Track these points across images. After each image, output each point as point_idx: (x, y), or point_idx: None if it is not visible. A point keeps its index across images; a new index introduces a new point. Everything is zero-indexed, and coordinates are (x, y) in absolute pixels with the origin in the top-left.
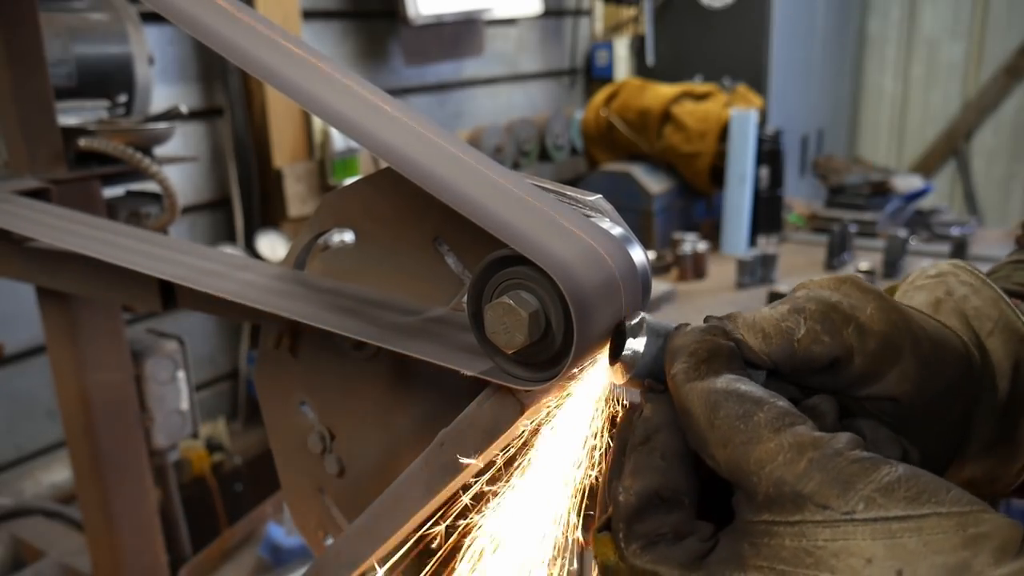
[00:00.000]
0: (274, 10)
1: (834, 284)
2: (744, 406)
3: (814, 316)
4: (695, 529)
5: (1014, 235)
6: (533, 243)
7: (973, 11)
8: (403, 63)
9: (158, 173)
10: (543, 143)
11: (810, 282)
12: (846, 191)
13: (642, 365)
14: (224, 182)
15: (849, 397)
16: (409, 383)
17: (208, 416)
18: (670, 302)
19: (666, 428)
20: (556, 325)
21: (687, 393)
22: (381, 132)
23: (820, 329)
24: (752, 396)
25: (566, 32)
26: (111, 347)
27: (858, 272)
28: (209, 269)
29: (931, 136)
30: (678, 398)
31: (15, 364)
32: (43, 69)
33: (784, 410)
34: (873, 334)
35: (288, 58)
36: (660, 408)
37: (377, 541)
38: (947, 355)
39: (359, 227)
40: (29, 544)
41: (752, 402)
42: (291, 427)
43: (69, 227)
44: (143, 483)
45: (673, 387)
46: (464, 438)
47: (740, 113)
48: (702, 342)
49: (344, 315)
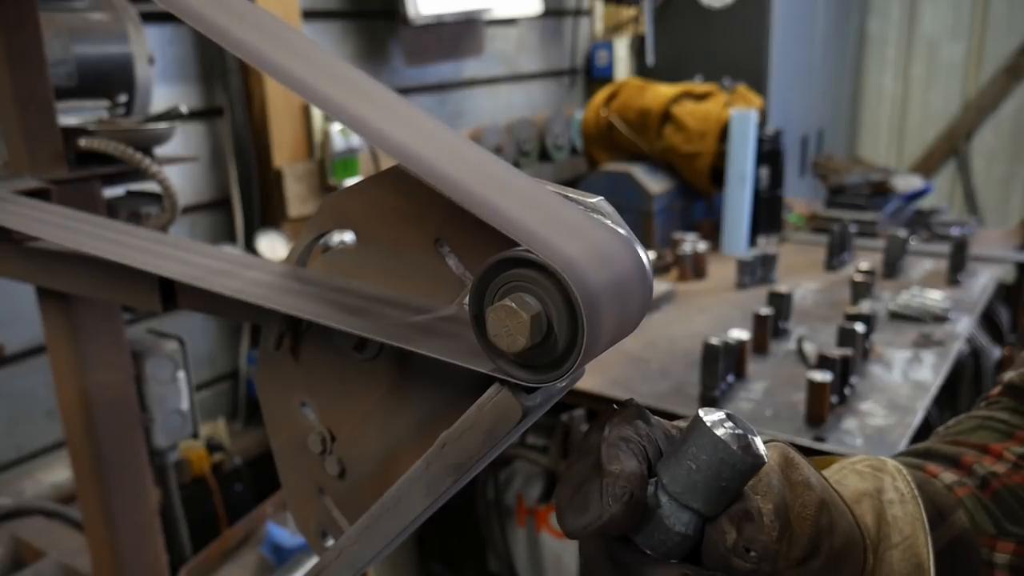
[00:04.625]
0: (274, 10)
1: (779, 464)
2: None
3: (772, 525)
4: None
5: (1014, 235)
6: (540, 240)
7: (973, 11)
8: (403, 63)
9: (158, 173)
10: (543, 143)
11: (767, 476)
12: (846, 191)
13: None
14: (224, 182)
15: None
16: (410, 385)
17: (208, 416)
18: (670, 302)
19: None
20: (558, 328)
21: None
22: (390, 129)
23: (775, 538)
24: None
25: (566, 32)
26: (111, 347)
27: (858, 272)
28: (215, 267)
29: (931, 136)
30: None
31: (15, 364)
32: (43, 69)
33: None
34: (799, 540)
35: (296, 54)
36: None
37: (378, 542)
38: (848, 558)
39: (360, 228)
40: (29, 544)
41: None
42: (291, 428)
43: (70, 226)
44: (143, 483)
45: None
46: (465, 440)
47: (740, 113)
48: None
49: (355, 314)
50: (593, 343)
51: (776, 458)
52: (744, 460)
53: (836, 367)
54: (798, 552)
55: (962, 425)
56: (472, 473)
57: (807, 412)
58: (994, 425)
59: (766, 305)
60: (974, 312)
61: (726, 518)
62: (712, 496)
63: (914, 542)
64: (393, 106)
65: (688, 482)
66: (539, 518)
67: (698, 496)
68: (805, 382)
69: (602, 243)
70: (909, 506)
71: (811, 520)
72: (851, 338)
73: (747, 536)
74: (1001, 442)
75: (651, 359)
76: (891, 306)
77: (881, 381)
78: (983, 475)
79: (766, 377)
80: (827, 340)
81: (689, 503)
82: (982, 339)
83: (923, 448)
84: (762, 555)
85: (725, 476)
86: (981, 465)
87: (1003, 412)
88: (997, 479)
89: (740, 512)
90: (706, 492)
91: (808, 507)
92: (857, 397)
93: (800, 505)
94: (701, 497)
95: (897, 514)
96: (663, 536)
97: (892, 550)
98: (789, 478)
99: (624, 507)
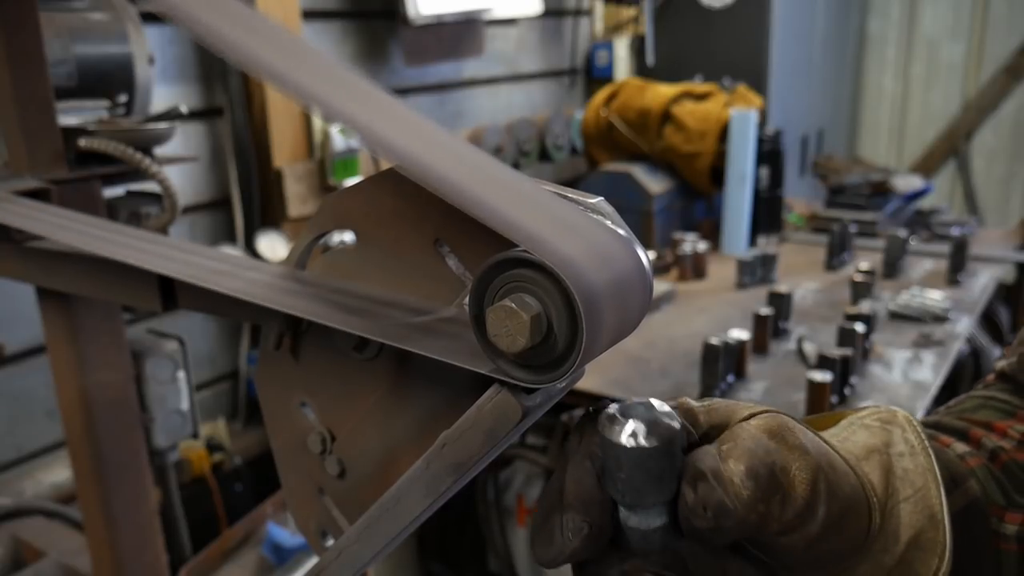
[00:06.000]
0: (274, 10)
1: (767, 432)
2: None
3: (759, 482)
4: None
5: (1014, 235)
6: (540, 241)
7: (973, 11)
8: (403, 63)
9: (158, 173)
10: (543, 143)
11: (743, 428)
12: (846, 191)
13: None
14: (224, 182)
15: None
16: (410, 385)
17: (208, 416)
18: (670, 302)
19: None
20: (558, 328)
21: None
22: (386, 132)
23: (759, 497)
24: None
25: (566, 32)
26: (111, 347)
27: (858, 272)
28: (216, 268)
29: (931, 136)
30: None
31: (15, 364)
32: (43, 69)
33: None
34: (793, 502)
35: (292, 57)
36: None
37: (378, 542)
38: (850, 521)
39: (360, 228)
40: (29, 544)
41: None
42: (291, 428)
43: (70, 226)
44: (143, 483)
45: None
46: (465, 440)
47: (740, 113)
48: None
49: (354, 314)
50: (593, 343)
51: (762, 426)
52: (657, 448)
53: (836, 367)
54: (791, 515)
55: (964, 404)
56: (472, 473)
57: (807, 412)
58: (996, 405)
59: (766, 305)
60: (974, 312)
61: (684, 484)
62: (660, 486)
63: (926, 494)
64: (389, 109)
65: (630, 489)
66: None
67: (648, 494)
68: (805, 382)
69: (602, 243)
70: (920, 457)
71: (807, 483)
72: (851, 338)
73: (701, 495)
74: (1004, 420)
75: (651, 359)
76: (891, 306)
77: (881, 381)
78: (992, 448)
79: (766, 377)
80: (827, 340)
81: (644, 502)
82: (982, 339)
83: (931, 421)
84: (718, 511)
85: (653, 467)
86: (989, 439)
87: (1003, 393)
88: (1005, 453)
89: (693, 475)
90: (651, 487)
91: (803, 471)
92: (857, 397)
93: (796, 469)
94: (651, 493)
95: (907, 467)
96: (645, 534)
97: (902, 504)
98: (786, 442)
99: (583, 540)
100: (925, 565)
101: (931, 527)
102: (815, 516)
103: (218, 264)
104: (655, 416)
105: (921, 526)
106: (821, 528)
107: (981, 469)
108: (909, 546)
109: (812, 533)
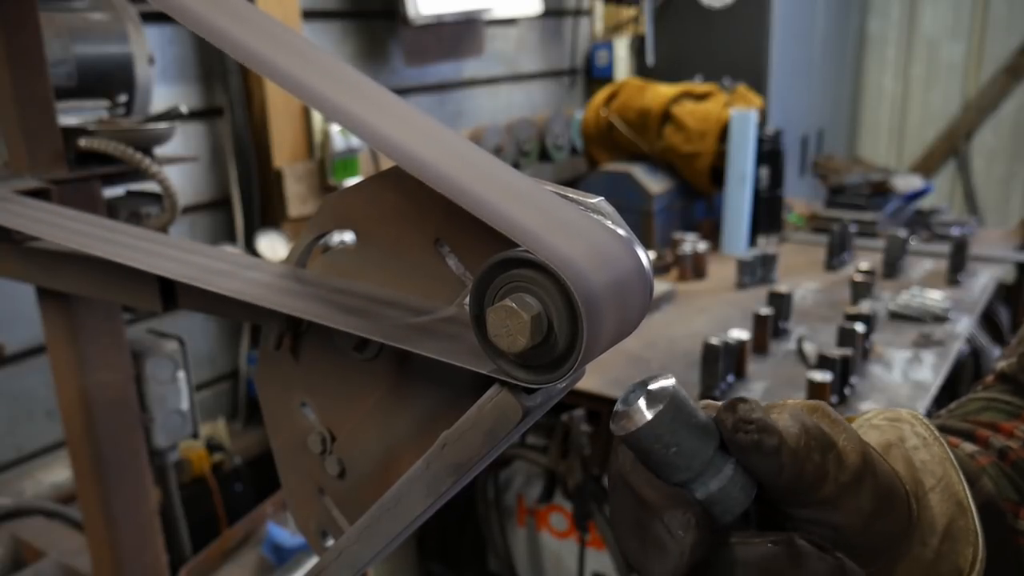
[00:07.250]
0: (274, 10)
1: (808, 409)
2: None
3: (810, 433)
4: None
5: (1014, 235)
6: (541, 240)
7: (973, 11)
8: (403, 63)
9: (158, 173)
10: (543, 143)
11: (784, 403)
12: (846, 191)
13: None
14: (224, 182)
15: (787, 514)
16: (410, 385)
17: (208, 416)
18: (670, 302)
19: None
20: (558, 328)
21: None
22: (388, 130)
23: (813, 446)
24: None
25: (566, 32)
26: (111, 347)
27: (858, 272)
28: (216, 268)
29: (931, 136)
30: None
31: (15, 364)
32: (43, 69)
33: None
34: (846, 465)
35: (293, 54)
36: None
37: (378, 542)
38: (895, 501)
39: (360, 228)
40: (29, 544)
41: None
42: (291, 428)
43: (70, 226)
44: (143, 483)
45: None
46: (466, 440)
47: (740, 113)
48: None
49: (354, 314)
50: (593, 343)
51: (803, 404)
52: (670, 401)
53: (836, 367)
54: (848, 477)
55: (967, 407)
56: (472, 473)
57: None
58: (999, 406)
59: (766, 305)
60: (974, 312)
61: (722, 411)
62: (705, 430)
63: (948, 481)
64: (391, 107)
65: (686, 452)
66: (539, 518)
67: (701, 443)
68: (805, 382)
69: (602, 243)
70: (934, 448)
71: (858, 452)
72: (851, 338)
73: (741, 414)
74: (1009, 421)
75: (651, 359)
76: (891, 306)
77: (881, 381)
78: (999, 447)
79: (766, 377)
80: (827, 340)
81: (705, 454)
82: (982, 339)
83: (936, 424)
84: (760, 426)
85: (683, 417)
86: (996, 439)
87: (1004, 395)
88: (1013, 451)
89: (727, 406)
90: (696, 433)
91: (850, 442)
92: (857, 397)
93: (844, 440)
94: (701, 439)
95: (924, 458)
96: (728, 497)
97: (930, 494)
98: (830, 417)
99: (697, 530)
100: (962, 556)
101: (960, 515)
102: (867, 487)
103: (218, 264)
104: (645, 386)
105: (952, 514)
106: (873, 504)
107: (992, 467)
108: (944, 537)
109: (867, 508)
